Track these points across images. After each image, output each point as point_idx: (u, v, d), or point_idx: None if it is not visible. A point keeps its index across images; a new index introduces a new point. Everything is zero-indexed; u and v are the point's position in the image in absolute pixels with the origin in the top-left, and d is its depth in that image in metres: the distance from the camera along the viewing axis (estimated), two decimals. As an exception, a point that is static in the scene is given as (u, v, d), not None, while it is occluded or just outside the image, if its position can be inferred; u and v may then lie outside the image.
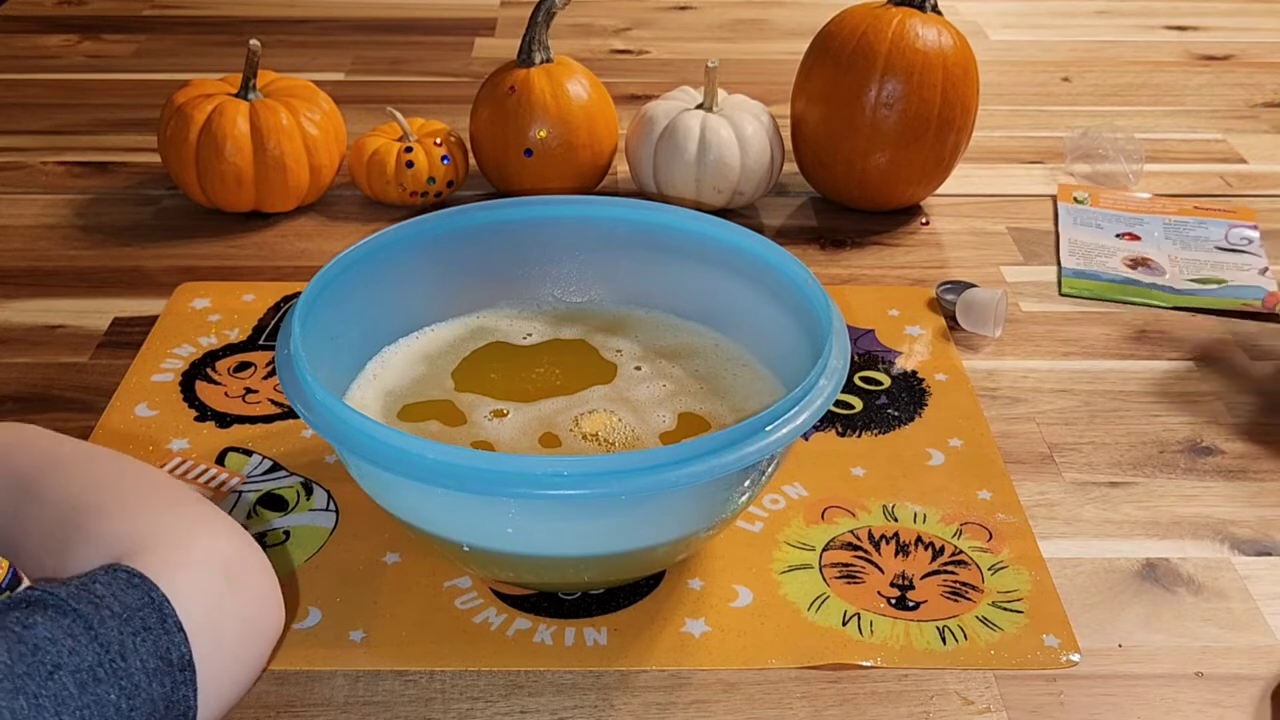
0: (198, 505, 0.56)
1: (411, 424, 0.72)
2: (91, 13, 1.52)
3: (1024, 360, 0.89)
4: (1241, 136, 1.25)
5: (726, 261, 0.77)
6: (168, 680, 0.47)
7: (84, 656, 0.45)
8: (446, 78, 1.36)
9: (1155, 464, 0.79)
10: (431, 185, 1.04)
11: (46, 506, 0.55)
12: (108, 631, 0.46)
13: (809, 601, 0.68)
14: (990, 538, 0.73)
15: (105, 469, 0.58)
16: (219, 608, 0.51)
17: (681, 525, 0.63)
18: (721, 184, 1.02)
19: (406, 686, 0.63)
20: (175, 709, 0.48)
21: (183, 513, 0.55)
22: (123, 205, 1.08)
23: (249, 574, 0.54)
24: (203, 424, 0.81)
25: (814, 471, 0.77)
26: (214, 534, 0.54)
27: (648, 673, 0.64)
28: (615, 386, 0.76)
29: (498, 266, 0.81)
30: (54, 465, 0.58)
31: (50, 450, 0.59)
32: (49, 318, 0.92)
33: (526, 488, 0.56)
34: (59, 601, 0.46)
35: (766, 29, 1.52)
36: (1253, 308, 0.95)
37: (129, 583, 0.48)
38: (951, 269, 1.00)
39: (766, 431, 0.59)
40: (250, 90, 1.03)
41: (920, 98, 0.99)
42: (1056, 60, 1.44)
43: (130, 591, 0.48)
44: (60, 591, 0.47)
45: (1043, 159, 1.19)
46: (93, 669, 0.45)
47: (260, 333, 0.90)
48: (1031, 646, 0.66)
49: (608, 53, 1.44)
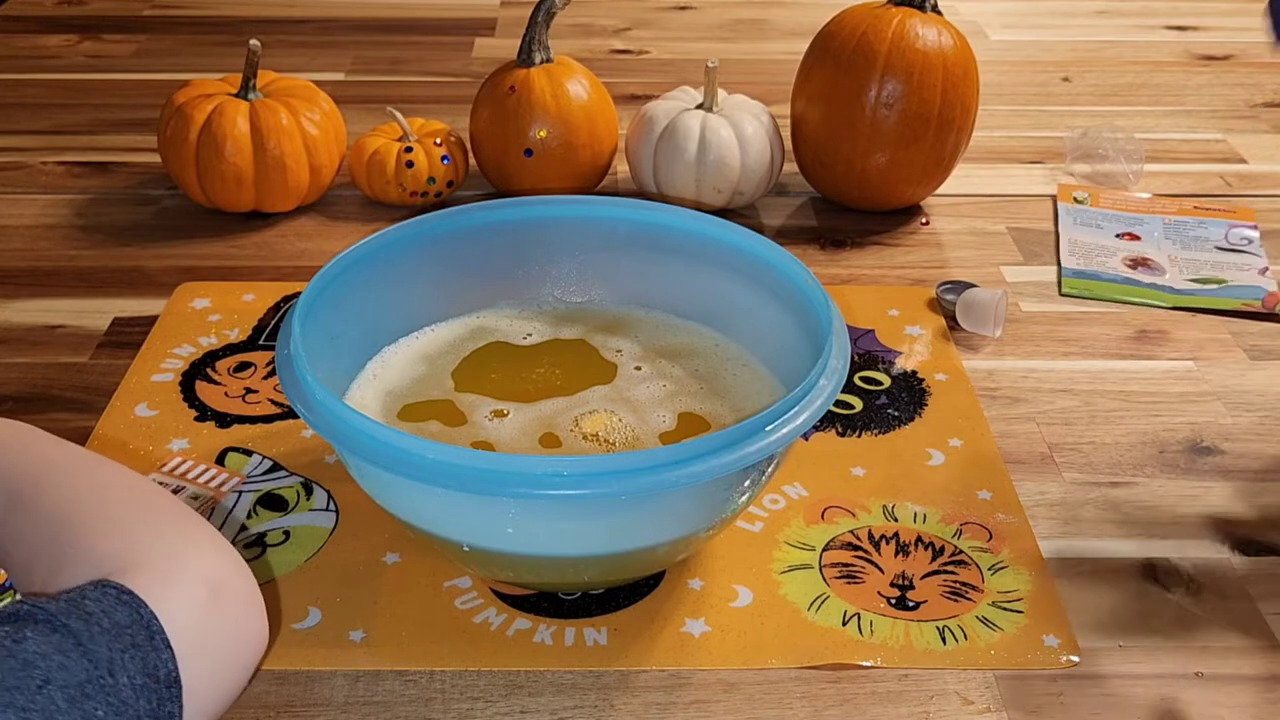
0: (187, 522, 0.56)
1: (411, 424, 0.72)
2: (91, 13, 1.52)
3: (1024, 360, 0.89)
4: (1241, 136, 1.25)
5: (726, 261, 0.77)
6: (154, 697, 0.47)
7: (73, 672, 0.45)
8: (446, 78, 1.36)
9: (1155, 464, 0.79)
10: (431, 185, 1.04)
11: (38, 518, 0.56)
12: (97, 648, 0.46)
13: (809, 601, 0.68)
14: (990, 538, 0.73)
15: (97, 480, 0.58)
16: (205, 625, 0.52)
17: (681, 525, 0.63)
18: (721, 184, 1.02)
19: (406, 686, 0.63)
20: None
21: (172, 531, 0.55)
22: (123, 205, 1.08)
23: (235, 591, 0.54)
24: (203, 424, 0.81)
25: (814, 471, 0.77)
26: (202, 552, 0.55)
27: (648, 673, 0.64)
28: (615, 386, 0.76)
29: (498, 266, 0.81)
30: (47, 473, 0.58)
31: (45, 455, 0.59)
32: (49, 318, 0.92)
33: (526, 488, 0.56)
34: (49, 617, 0.47)
35: (766, 29, 1.52)
36: (1253, 308, 0.95)
37: (119, 600, 0.49)
38: (951, 269, 1.01)
39: (766, 431, 0.59)
40: (250, 90, 1.03)
41: (920, 98, 0.99)
42: (1056, 60, 1.44)
43: (120, 609, 0.48)
44: (51, 607, 0.47)
45: (1043, 159, 1.19)
46: (82, 685, 0.45)
47: (260, 333, 0.90)
48: (1031, 646, 0.66)
49: (608, 53, 1.44)
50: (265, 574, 0.69)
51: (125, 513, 0.56)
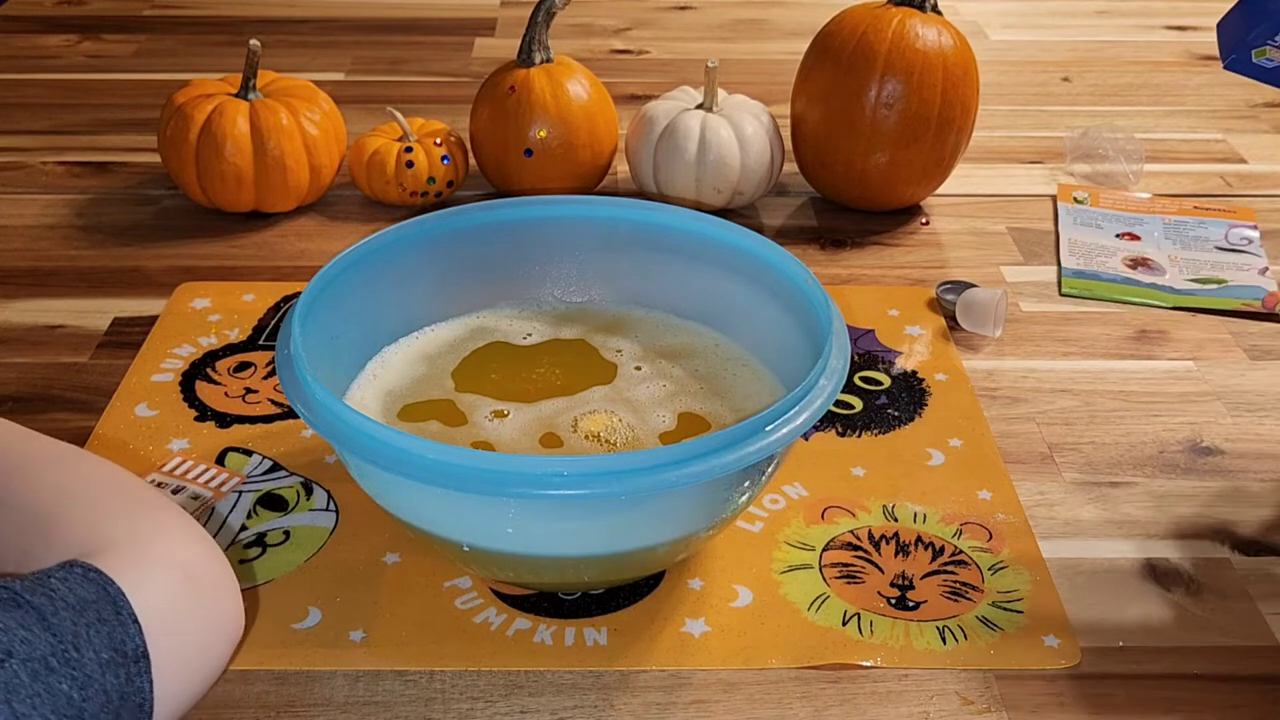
0: (162, 510, 0.56)
1: (411, 424, 0.72)
2: (91, 13, 1.52)
3: (1024, 360, 0.89)
4: (1241, 136, 1.25)
5: (726, 261, 0.77)
6: (122, 672, 0.47)
7: (36, 646, 0.45)
8: (446, 78, 1.36)
9: (1155, 464, 0.79)
10: (431, 185, 1.04)
11: (11, 511, 0.55)
12: (61, 623, 0.46)
13: (809, 601, 0.68)
14: (990, 538, 0.73)
15: (73, 472, 0.58)
16: (177, 606, 0.52)
17: (681, 525, 0.63)
18: (721, 184, 1.02)
19: (406, 686, 0.63)
20: (130, 700, 0.48)
21: (145, 516, 0.55)
22: (123, 205, 1.08)
23: (209, 576, 0.54)
24: (203, 424, 0.81)
25: (814, 471, 0.77)
26: (174, 537, 0.54)
27: (648, 673, 0.64)
28: (615, 386, 0.76)
29: (498, 266, 0.81)
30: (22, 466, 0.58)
31: (19, 449, 0.59)
32: (49, 318, 0.92)
33: (526, 488, 0.56)
34: (12, 595, 0.46)
35: (766, 29, 1.52)
36: (1253, 308, 0.95)
37: (84, 577, 0.48)
38: (951, 269, 1.01)
39: (766, 431, 0.59)
40: (250, 90, 1.03)
41: (920, 98, 0.99)
42: (1056, 60, 1.44)
43: (85, 585, 0.48)
44: (14, 585, 0.47)
45: (1043, 159, 1.19)
46: (45, 659, 0.45)
47: (260, 333, 0.90)
48: (1031, 646, 0.66)
49: (608, 53, 1.44)
50: (265, 574, 0.69)
51: (98, 500, 0.56)
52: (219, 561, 0.55)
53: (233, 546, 0.71)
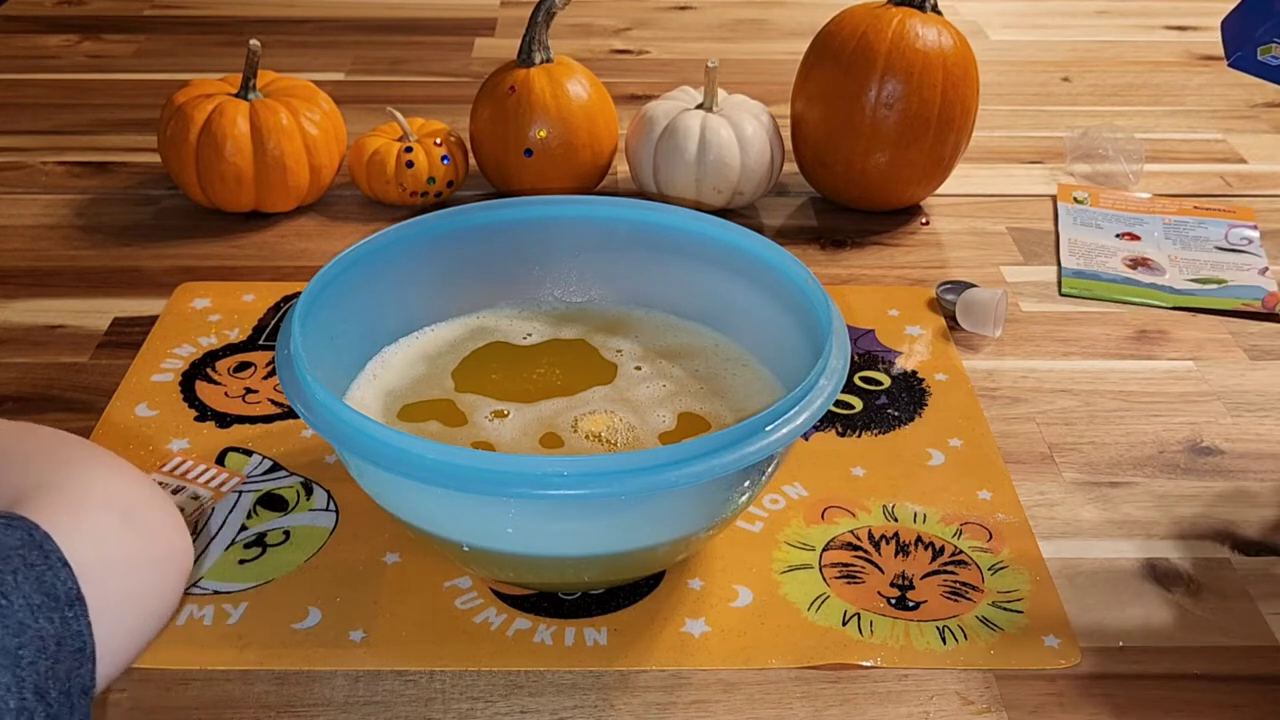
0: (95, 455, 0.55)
1: (411, 424, 0.72)
2: (91, 13, 1.52)
3: (1024, 360, 0.89)
4: (1241, 136, 1.25)
5: (726, 261, 0.77)
6: (55, 616, 0.46)
7: None
8: (446, 78, 1.36)
9: (1155, 464, 0.79)
10: (431, 185, 1.04)
11: None
12: None
13: (809, 601, 0.68)
14: (990, 538, 0.73)
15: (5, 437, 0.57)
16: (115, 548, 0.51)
17: (681, 525, 0.63)
18: (721, 184, 1.02)
19: (406, 686, 0.63)
20: (68, 645, 0.47)
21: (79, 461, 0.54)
22: (123, 205, 1.08)
23: (149, 513, 0.53)
24: (203, 424, 0.81)
25: (814, 471, 0.77)
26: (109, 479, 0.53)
27: (648, 673, 0.64)
28: (615, 386, 0.76)
29: (498, 266, 0.81)
30: None
31: None
32: (49, 318, 0.92)
33: (526, 488, 0.56)
34: None
35: (766, 29, 1.52)
36: (1253, 308, 0.95)
37: (6, 526, 0.47)
38: (951, 269, 1.01)
39: (766, 431, 0.59)
40: (250, 90, 1.03)
41: (920, 98, 0.99)
42: (1056, 60, 1.44)
43: (8, 532, 0.47)
44: None
45: (1043, 159, 1.19)
46: None
47: (260, 333, 0.90)
48: (1031, 646, 0.66)
49: (608, 53, 1.44)
50: (265, 574, 0.69)
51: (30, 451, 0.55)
52: (159, 501, 0.54)
53: (233, 546, 0.71)
